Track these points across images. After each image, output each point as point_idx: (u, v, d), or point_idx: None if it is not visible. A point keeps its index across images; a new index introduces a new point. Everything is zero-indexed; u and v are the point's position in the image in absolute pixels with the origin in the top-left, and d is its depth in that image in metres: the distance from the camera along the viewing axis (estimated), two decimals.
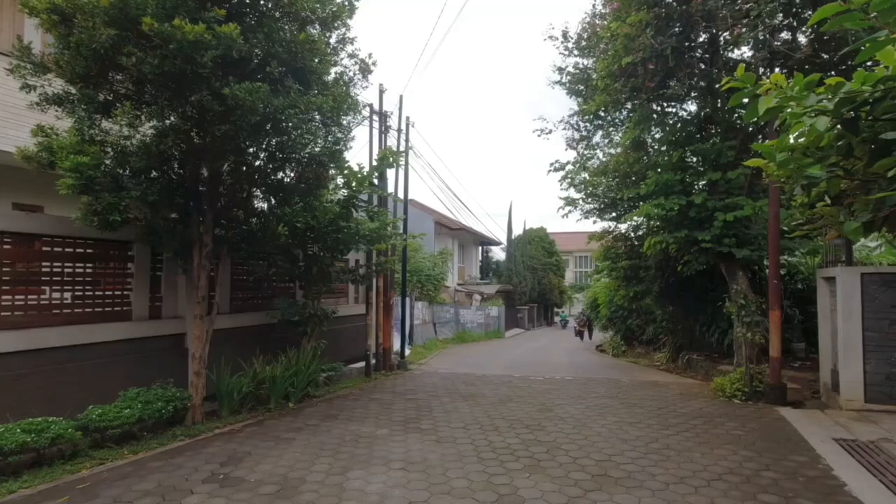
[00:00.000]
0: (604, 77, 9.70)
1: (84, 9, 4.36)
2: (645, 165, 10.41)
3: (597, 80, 10.24)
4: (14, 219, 5.43)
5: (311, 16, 6.06)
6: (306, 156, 6.45)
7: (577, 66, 13.18)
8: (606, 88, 9.81)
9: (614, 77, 9.50)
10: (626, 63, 8.83)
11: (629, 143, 10.48)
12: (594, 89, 10.92)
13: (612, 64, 9.33)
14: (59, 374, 5.36)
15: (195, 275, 6.13)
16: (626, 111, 11.40)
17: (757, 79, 2.45)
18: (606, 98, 10.06)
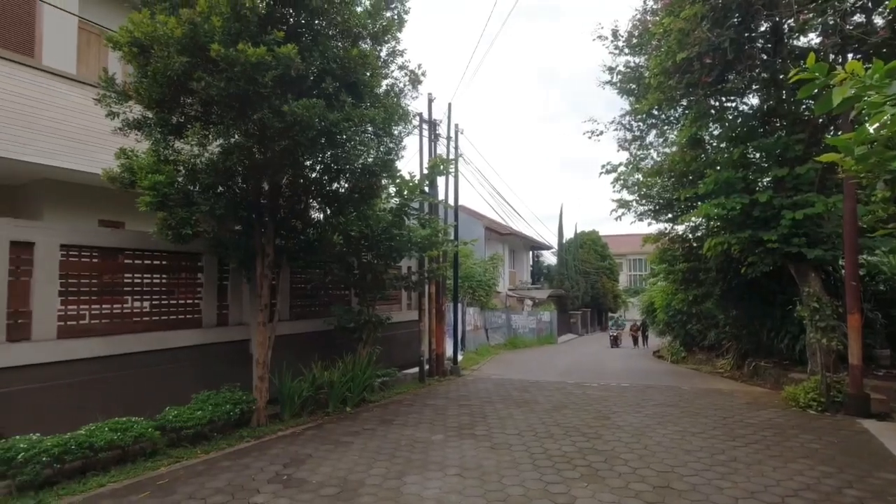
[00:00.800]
0: (657, 74, 9.40)
1: (160, 40, 4.73)
2: (703, 164, 9.98)
3: (649, 78, 9.95)
4: (100, 234, 5.93)
5: (362, 31, 6.27)
6: (359, 167, 6.64)
7: (627, 64, 12.86)
8: (660, 86, 9.51)
9: (668, 74, 9.19)
10: (681, 59, 8.52)
11: (685, 141, 10.09)
12: (647, 88, 10.61)
13: (665, 60, 9.04)
14: (138, 378, 5.76)
15: (258, 284, 6.45)
16: (682, 108, 11.00)
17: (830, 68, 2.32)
18: (660, 96, 9.74)
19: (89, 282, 5.49)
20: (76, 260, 5.36)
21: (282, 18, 5.73)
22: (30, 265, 4.95)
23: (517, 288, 31.56)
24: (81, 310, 5.40)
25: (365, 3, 6.47)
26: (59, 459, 4.42)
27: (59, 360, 5.09)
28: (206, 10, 4.69)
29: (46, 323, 5.05)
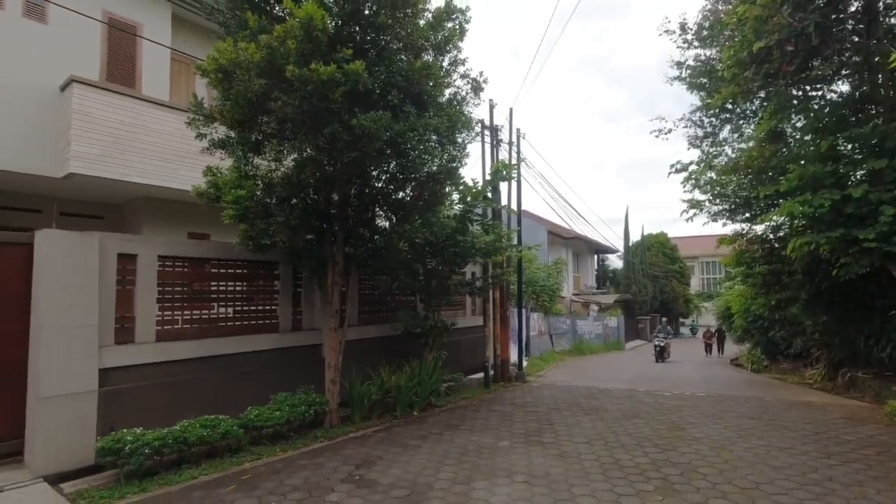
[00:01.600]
0: (731, 66, 8.90)
1: (242, 65, 5.11)
2: (784, 159, 9.29)
3: (722, 71, 9.42)
4: (190, 246, 6.45)
5: (425, 44, 6.43)
6: (424, 175, 6.78)
7: (697, 58, 12.26)
8: (734, 78, 8.99)
9: (743, 65, 8.68)
10: (758, 48, 8.01)
11: (764, 135, 9.46)
12: (719, 81, 10.07)
13: (740, 51, 8.54)
14: (223, 378, 6.16)
15: (329, 290, 6.74)
16: (759, 101, 10.33)
17: None
18: (735, 89, 9.21)
19: (181, 289, 5.98)
20: (170, 270, 5.86)
21: (349, 36, 6.00)
22: (133, 275, 5.47)
23: (582, 293, 30.78)
24: (175, 315, 5.89)
25: (427, 16, 6.63)
26: (159, 452, 4.83)
27: (157, 361, 5.57)
28: (281, 35, 5.00)
29: (147, 327, 5.55)
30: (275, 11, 6.13)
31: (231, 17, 5.91)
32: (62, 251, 4.90)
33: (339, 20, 5.61)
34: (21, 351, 4.88)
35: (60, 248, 4.90)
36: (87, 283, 5.01)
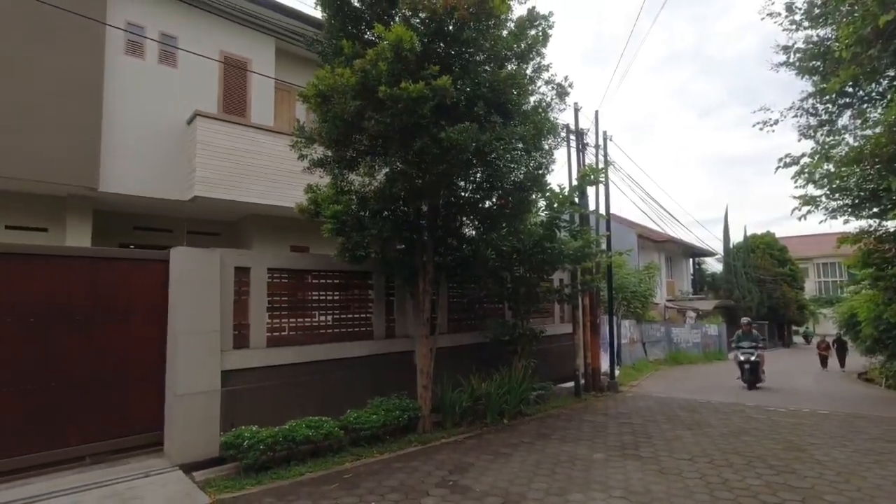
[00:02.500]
0: (851, 45, 8.00)
1: (338, 89, 5.49)
2: None
3: (840, 51, 8.49)
4: (294, 259, 6.99)
5: (508, 53, 6.47)
6: (510, 183, 6.81)
7: (808, 40, 11.13)
8: (855, 58, 8.08)
9: (866, 42, 7.78)
10: (885, 22, 7.13)
11: (895, 118, 8.37)
12: (836, 63, 9.08)
13: (861, 27, 7.66)
14: (323, 382, 6.55)
15: (420, 298, 6.96)
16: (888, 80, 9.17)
17: None
18: (856, 70, 8.27)
19: (286, 299, 6.48)
20: (277, 281, 6.39)
21: (434, 53, 6.19)
22: (247, 286, 6.03)
23: (676, 298, 28.95)
24: (282, 322, 6.39)
25: (510, 26, 6.68)
26: (272, 448, 5.25)
27: (267, 364, 6.07)
28: (373, 58, 5.30)
29: (259, 334, 6.09)
30: (366, 36, 6.51)
31: (328, 46, 6.37)
32: (191, 266, 5.55)
33: (425, 38, 5.82)
34: (160, 353, 5.57)
35: (190, 263, 5.55)
36: (211, 293, 5.61)
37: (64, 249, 5.89)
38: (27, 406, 4.84)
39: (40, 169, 7.06)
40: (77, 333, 5.14)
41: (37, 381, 4.90)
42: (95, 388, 5.20)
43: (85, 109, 7.46)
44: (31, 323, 4.90)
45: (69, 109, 7.32)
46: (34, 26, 7.10)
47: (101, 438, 5.19)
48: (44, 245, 7.11)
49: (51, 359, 4.98)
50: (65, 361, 5.05)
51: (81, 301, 5.18)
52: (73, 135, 7.33)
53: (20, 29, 7.04)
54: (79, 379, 5.11)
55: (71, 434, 5.03)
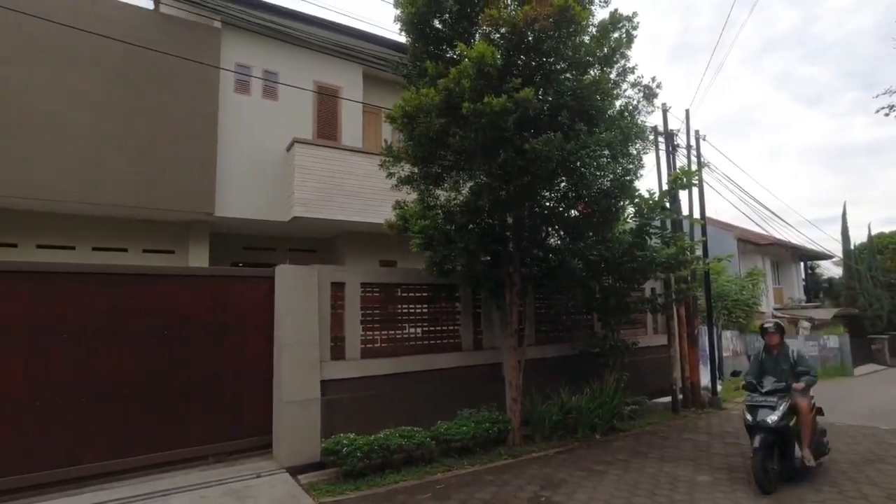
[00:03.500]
0: None
1: (424, 108, 5.71)
2: None
3: None
4: (384, 273, 7.30)
5: (591, 59, 6.35)
6: (596, 191, 6.63)
7: None
8: None
9: None
10: None
11: None
12: None
13: None
14: (414, 393, 6.69)
15: (508, 310, 6.95)
16: None
17: None
18: None
19: (377, 312, 6.76)
20: (369, 295, 6.69)
21: (515, 65, 6.23)
22: (342, 300, 6.39)
23: (786, 307, 26.29)
24: (374, 335, 6.67)
25: (591, 31, 6.55)
26: (368, 456, 5.47)
27: (361, 375, 6.35)
28: (456, 76, 5.45)
29: (354, 345, 6.40)
30: (447, 55, 6.70)
31: (413, 68, 6.64)
32: (293, 282, 5.99)
33: (506, 52, 5.88)
34: (268, 362, 6.05)
35: (292, 279, 6.00)
36: (311, 307, 6.01)
37: (188, 269, 6.63)
38: (160, 408, 5.46)
39: (170, 199, 8.06)
40: (199, 344, 5.73)
41: (168, 386, 5.52)
42: (214, 393, 5.75)
43: (203, 145, 8.40)
44: (164, 335, 5.54)
45: (191, 146, 8.29)
46: (162, 75, 8.14)
47: (220, 440, 5.72)
48: (172, 266, 8.13)
49: (178, 366, 5.60)
50: (189, 369, 5.65)
51: (203, 315, 5.78)
52: (194, 168, 8.28)
53: (152, 78, 8.10)
54: (201, 385, 5.69)
55: (194, 435, 5.60)
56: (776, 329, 5.85)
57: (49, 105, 7.36)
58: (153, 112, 8.06)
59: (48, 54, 7.40)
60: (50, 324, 4.99)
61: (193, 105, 8.36)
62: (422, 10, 6.13)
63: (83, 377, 5.09)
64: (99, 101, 7.71)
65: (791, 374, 5.52)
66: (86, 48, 7.46)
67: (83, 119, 7.58)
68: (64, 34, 6.98)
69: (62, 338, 5.02)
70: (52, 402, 4.93)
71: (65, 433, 4.95)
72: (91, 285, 5.24)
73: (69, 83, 7.52)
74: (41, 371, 4.92)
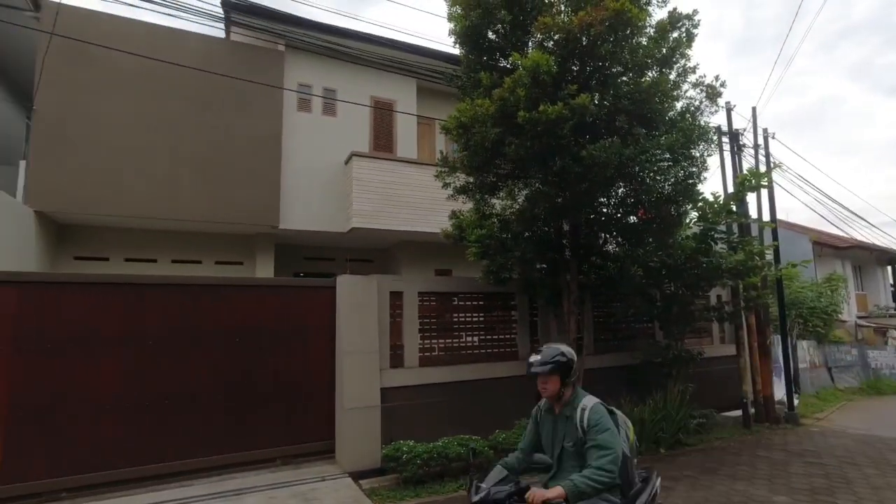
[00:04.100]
0: None
1: (479, 119, 5.77)
2: None
3: None
4: (440, 282, 7.39)
5: (649, 60, 6.19)
6: (655, 197, 6.43)
7: None
8: None
9: None
10: None
11: None
12: None
13: None
14: (470, 401, 6.69)
15: (566, 319, 6.85)
16: None
17: None
18: None
19: (434, 320, 6.84)
20: (426, 303, 6.79)
21: (570, 72, 6.18)
22: (400, 309, 6.52)
23: (871, 315, 24.19)
24: (431, 343, 6.75)
25: (648, 32, 6.40)
26: (427, 463, 5.53)
27: (419, 383, 6.43)
28: (511, 85, 5.47)
29: (412, 354, 6.51)
30: (500, 65, 6.73)
31: (467, 80, 6.73)
32: (353, 291, 6.19)
33: (560, 59, 5.83)
34: (330, 369, 6.26)
35: (352, 289, 6.20)
36: (370, 316, 6.19)
37: (257, 280, 7.02)
38: (232, 412, 5.76)
39: (239, 214, 8.60)
40: (267, 352, 6.01)
41: (239, 391, 5.82)
42: (281, 399, 6.01)
43: (269, 162, 8.90)
44: (235, 342, 5.87)
45: (258, 163, 8.82)
46: (233, 98, 8.72)
47: (286, 443, 5.96)
48: (243, 277, 8.68)
49: (248, 373, 5.89)
50: (258, 375, 5.94)
51: (270, 324, 6.07)
52: (261, 183, 8.79)
53: (223, 102, 8.70)
54: (268, 391, 5.96)
55: (262, 438, 5.86)
56: (552, 369, 2.78)
57: (134, 131, 8.07)
58: (224, 133, 8.63)
59: (132, 85, 8.11)
60: (138, 332, 5.42)
61: (260, 125, 8.88)
62: (475, 22, 6.20)
63: (165, 381, 5.47)
64: (177, 126, 8.36)
65: (575, 455, 2.67)
66: (164, 77, 8.11)
67: (163, 143, 8.24)
68: (146, 65, 7.64)
69: (148, 344, 5.43)
70: (139, 404, 5.34)
71: (150, 433, 5.34)
72: (172, 296, 5.64)
73: (151, 110, 8.22)
74: (131, 375, 5.34)
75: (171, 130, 8.30)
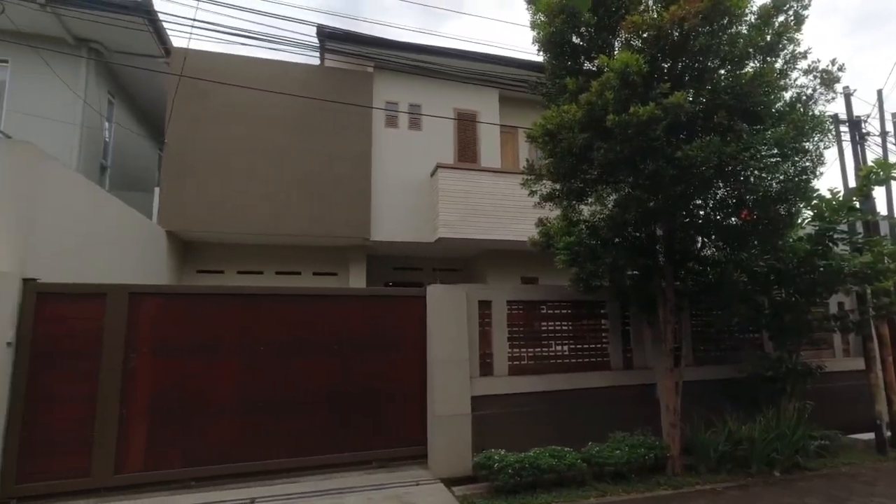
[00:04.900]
0: None
1: (565, 125, 5.70)
2: None
3: None
4: (528, 290, 7.37)
5: (751, 50, 5.77)
6: (761, 196, 5.93)
7: None
8: None
9: None
10: None
11: None
12: None
13: None
14: (561, 412, 6.56)
15: (662, 328, 6.51)
16: None
17: None
18: None
19: (522, 329, 6.81)
20: (515, 312, 6.79)
21: (660, 69, 5.91)
22: (489, 318, 6.58)
23: None
24: (520, 352, 6.72)
25: (749, 19, 5.96)
26: (519, 473, 5.49)
27: (509, 392, 6.42)
28: (598, 89, 5.35)
29: (501, 362, 6.53)
30: (585, 67, 6.60)
31: (552, 87, 6.67)
32: (443, 300, 6.34)
33: (651, 57, 5.61)
34: (422, 376, 6.42)
35: (442, 298, 6.36)
36: (460, 324, 6.30)
37: (353, 290, 7.45)
38: (332, 415, 6.09)
39: (334, 227, 9.25)
40: (362, 358, 6.30)
41: (338, 395, 6.14)
42: (376, 404, 6.26)
43: (361, 178, 9.51)
44: (334, 349, 6.23)
45: (351, 179, 9.46)
46: (327, 120, 9.43)
47: (381, 447, 6.19)
48: (340, 287, 9.34)
49: (346, 378, 6.21)
50: (355, 380, 6.24)
51: (365, 332, 6.36)
52: (354, 198, 9.40)
53: (318, 124, 9.45)
54: (364, 395, 6.24)
55: (360, 441, 6.13)
56: None
57: (245, 156, 9.05)
58: (321, 153, 9.38)
59: (243, 115, 9.08)
60: (251, 338, 5.93)
61: (352, 143, 9.51)
62: (560, 28, 6.13)
63: (274, 385, 5.92)
64: (281, 149, 9.23)
65: None
66: (270, 105, 9.01)
67: (270, 165, 9.13)
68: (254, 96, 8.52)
69: (259, 350, 5.93)
70: (252, 405, 5.82)
71: (261, 432, 5.79)
72: (280, 305, 6.11)
73: (259, 136, 9.16)
74: (245, 378, 5.85)
75: (277, 153, 9.16)
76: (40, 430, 5.04)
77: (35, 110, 8.34)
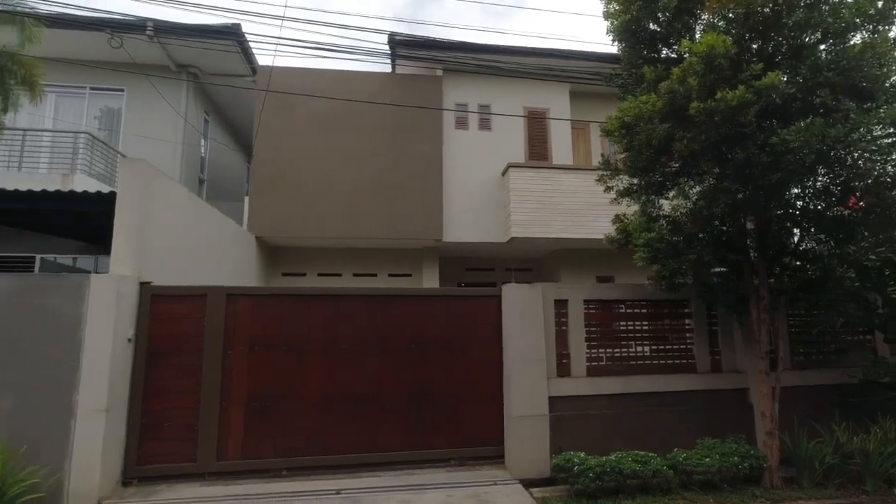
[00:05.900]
0: None
1: (643, 116, 5.45)
2: None
3: None
4: (605, 289, 7.11)
5: (858, 20, 5.22)
6: (873, 181, 5.34)
7: None
8: None
9: None
10: None
11: None
12: None
13: None
14: (643, 415, 6.30)
15: (755, 329, 6.05)
16: None
17: None
18: None
19: (600, 329, 6.61)
20: (592, 311, 6.59)
21: (749, 50, 5.51)
22: (566, 317, 6.44)
23: None
24: (598, 352, 6.52)
25: None
26: (600, 477, 5.32)
27: (587, 393, 6.25)
28: (680, 76, 5.07)
29: (579, 363, 6.36)
30: (662, 55, 6.29)
31: (628, 77, 6.42)
32: (519, 300, 6.29)
33: (738, 38, 5.23)
34: (498, 376, 6.40)
35: (517, 297, 6.30)
36: (536, 324, 6.21)
37: (429, 291, 7.60)
38: (410, 412, 6.22)
39: (408, 230, 9.52)
40: (439, 358, 6.38)
41: (416, 393, 6.26)
42: (453, 403, 6.31)
43: (433, 180, 9.71)
44: (411, 348, 6.37)
45: (423, 182, 9.69)
46: (400, 125, 9.72)
47: (460, 446, 6.23)
48: (417, 287, 9.65)
49: (424, 376, 6.32)
50: (432, 379, 6.33)
51: (441, 331, 6.44)
52: (427, 201, 9.61)
53: (392, 129, 9.78)
54: (442, 394, 6.31)
55: (438, 439, 6.21)
56: None
57: (325, 164, 9.55)
58: (395, 158, 9.69)
59: (323, 124, 9.59)
60: (334, 336, 6.21)
61: (424, 146, 9.73)
62: (636, 15, 5.89)
63: (355, 382, 6.15)
64: (358, 156, 9.66)
65: None
66: (347, 114, 9.48)
67: (348, 172, 9.61)
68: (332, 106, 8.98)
69: (341, 348, 6.20)
70: (336, 401, 6.09)
71: (344, 428, 6.03)
72: (360, 305, 6.34)
73: (337, 145, 9.64)
74: (329, 375, 6.12)
75: (354, 160, 9.58)
76: (154, 418, 5.60)
77: (144, 132, 9.32)
